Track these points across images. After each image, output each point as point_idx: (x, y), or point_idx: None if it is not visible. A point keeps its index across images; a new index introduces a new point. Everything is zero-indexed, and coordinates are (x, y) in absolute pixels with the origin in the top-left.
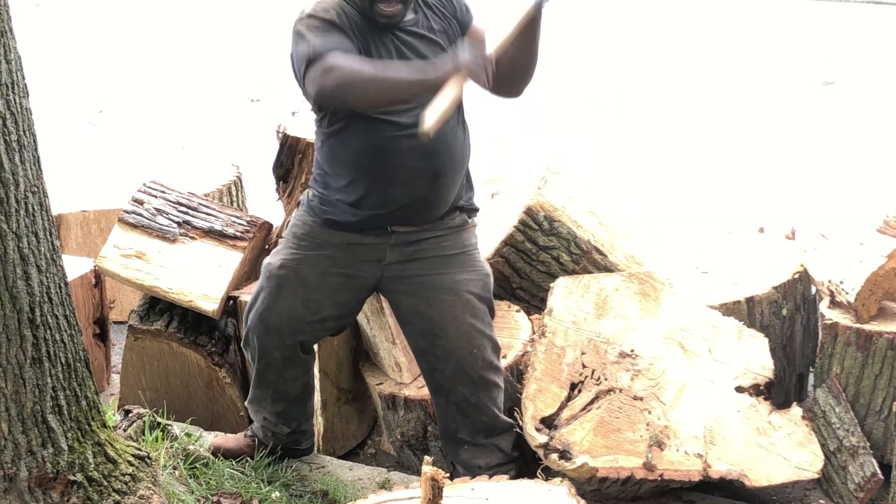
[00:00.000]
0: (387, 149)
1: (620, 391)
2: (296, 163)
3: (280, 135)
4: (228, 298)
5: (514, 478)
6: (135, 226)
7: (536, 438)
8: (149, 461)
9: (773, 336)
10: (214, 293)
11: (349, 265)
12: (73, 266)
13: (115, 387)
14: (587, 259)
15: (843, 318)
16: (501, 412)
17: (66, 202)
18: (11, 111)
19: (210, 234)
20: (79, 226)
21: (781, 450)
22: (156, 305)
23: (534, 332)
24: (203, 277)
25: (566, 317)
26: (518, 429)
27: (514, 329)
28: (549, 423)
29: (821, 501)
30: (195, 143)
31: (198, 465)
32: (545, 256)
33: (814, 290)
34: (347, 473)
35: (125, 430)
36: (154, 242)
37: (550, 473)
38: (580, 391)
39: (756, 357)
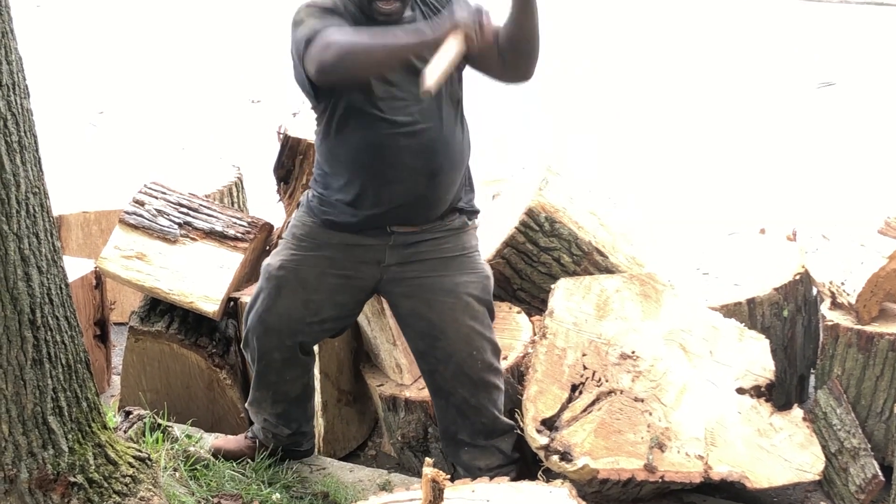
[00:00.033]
0: (384, 146)
1: (621, 393)
2: (297, 164)
3: (281, 136)
4: (229, 300)
5: (515, 479)
6: (135, 227)
7: (537, 440)
8: (149, 463)
9: (774, 337)
10: (215, 294)
11: (348, 266)
12: (74, 267)
13: (116, 388)
14: (588, 260)
15: (845, 320)
16: (502, 414)
17: (67, 203)
18: (12, 112)
19: (211, 236)
20: (79, 227)
21: (782, 451)
22: (156, 307)
23: (535, 334)
24: (204, 279)
25: (567, 318)
26: (519, 430)
27: (515, 330)
28: (550, 425)
29: (822, 503)
30: (196, 144)
31: (198, 467)
32: (546, 257)
33: (815, 292)
34: (348, 475)
35: (126, 432)
36: (155, 243)
37: (551, 475)
38: (581, 393)
39: (757, 358)
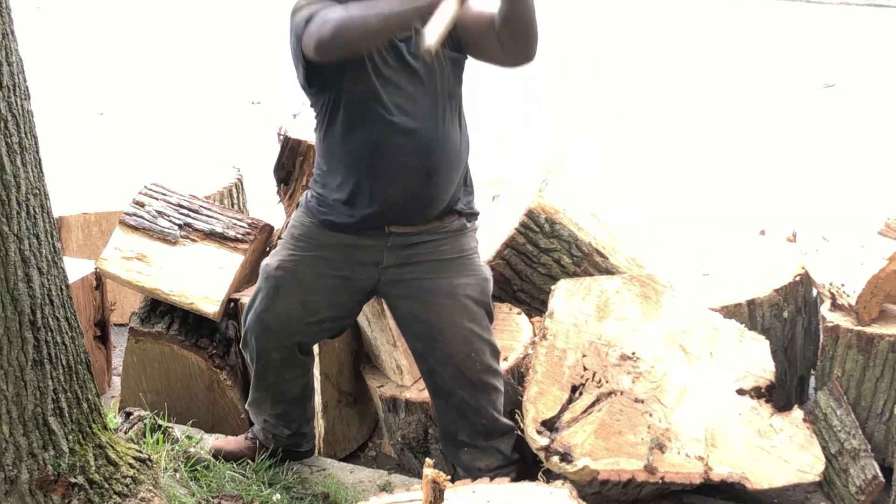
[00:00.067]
0: (380, 144)
1: (622, 394)
2: (297, 165)
3: (281, 137)
4: (229, 301)
5: (515, 480)
6: (136, 228)
7: (537, 441)
8: (150, 463)
9: (775, 338)
10: (215, 295)
11: (346, 267)
12: (74, 268)
13: (116, 389)
14: (588, 261)
15: (845, 321)
16: (501, 415)
17: (68, 204)
18: (13, 113)
19: (211, 237)
20: (80, 228)
21: (783, 452)
22: (157, 308)
23: (535, 335)
24: (204, 279)
25: (567, 319)
26: (519, 431)
27: (515, 331)
28: (551, 426)
29: None
30: (196, 146)
31: (199, 468)
32: (546, 259)
33: (815, 293)
34: (348, 476)
35: (126, 433)
36: (155, 244)
37: (552, 476)
38: (581, 394)
39: (757, 360)
